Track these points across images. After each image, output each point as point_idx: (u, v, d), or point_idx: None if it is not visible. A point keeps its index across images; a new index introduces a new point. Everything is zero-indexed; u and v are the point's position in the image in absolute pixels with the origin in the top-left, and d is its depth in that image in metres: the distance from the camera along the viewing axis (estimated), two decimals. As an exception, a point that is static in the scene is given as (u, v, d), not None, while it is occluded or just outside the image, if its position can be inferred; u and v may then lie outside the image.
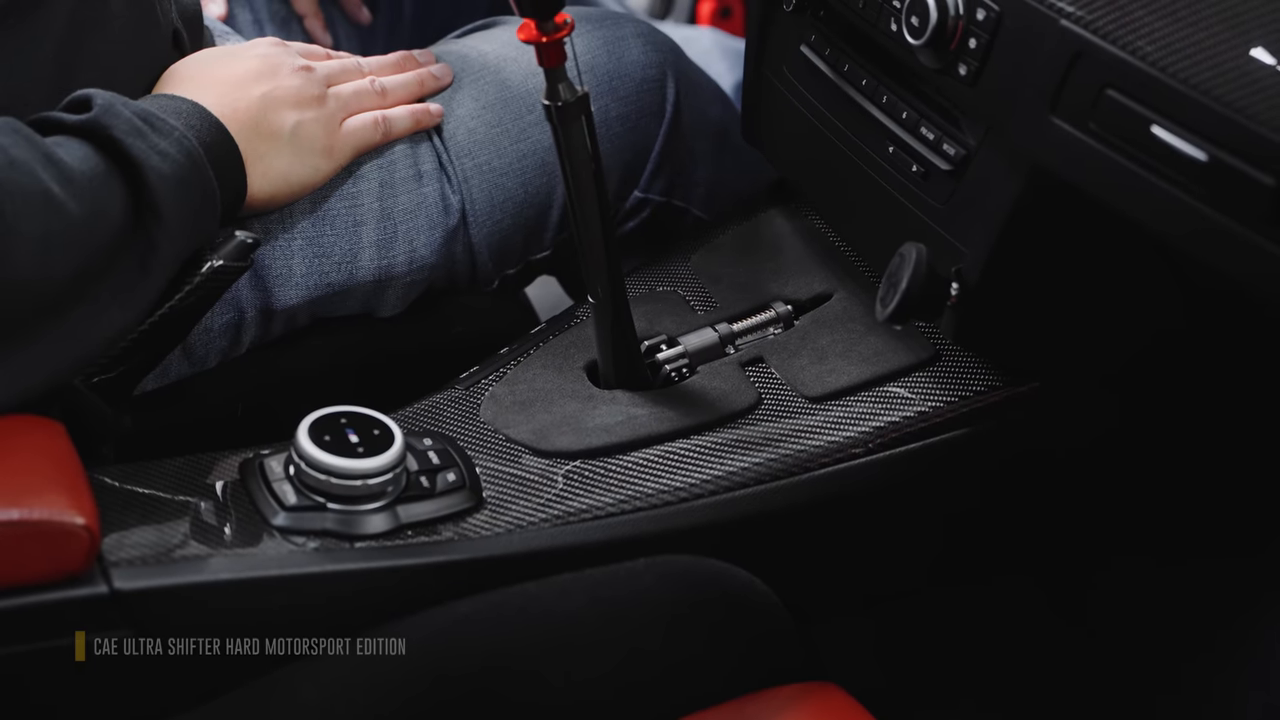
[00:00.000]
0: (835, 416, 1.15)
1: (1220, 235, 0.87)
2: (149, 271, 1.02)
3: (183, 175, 1.03)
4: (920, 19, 1.03)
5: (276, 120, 1.15)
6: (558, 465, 1.11)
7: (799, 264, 1.31)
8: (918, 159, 1.12)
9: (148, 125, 1.03)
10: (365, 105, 1.24)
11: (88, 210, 0.97)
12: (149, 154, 1.01)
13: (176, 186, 1.02)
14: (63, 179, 0.96)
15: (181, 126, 1.06)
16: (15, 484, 0.91)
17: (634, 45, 1.37)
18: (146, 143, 1.01)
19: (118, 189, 1.00)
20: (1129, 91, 0.90)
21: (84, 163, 0.98)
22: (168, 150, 1.03)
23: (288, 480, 1.02)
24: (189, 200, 1.04)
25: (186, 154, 1.04)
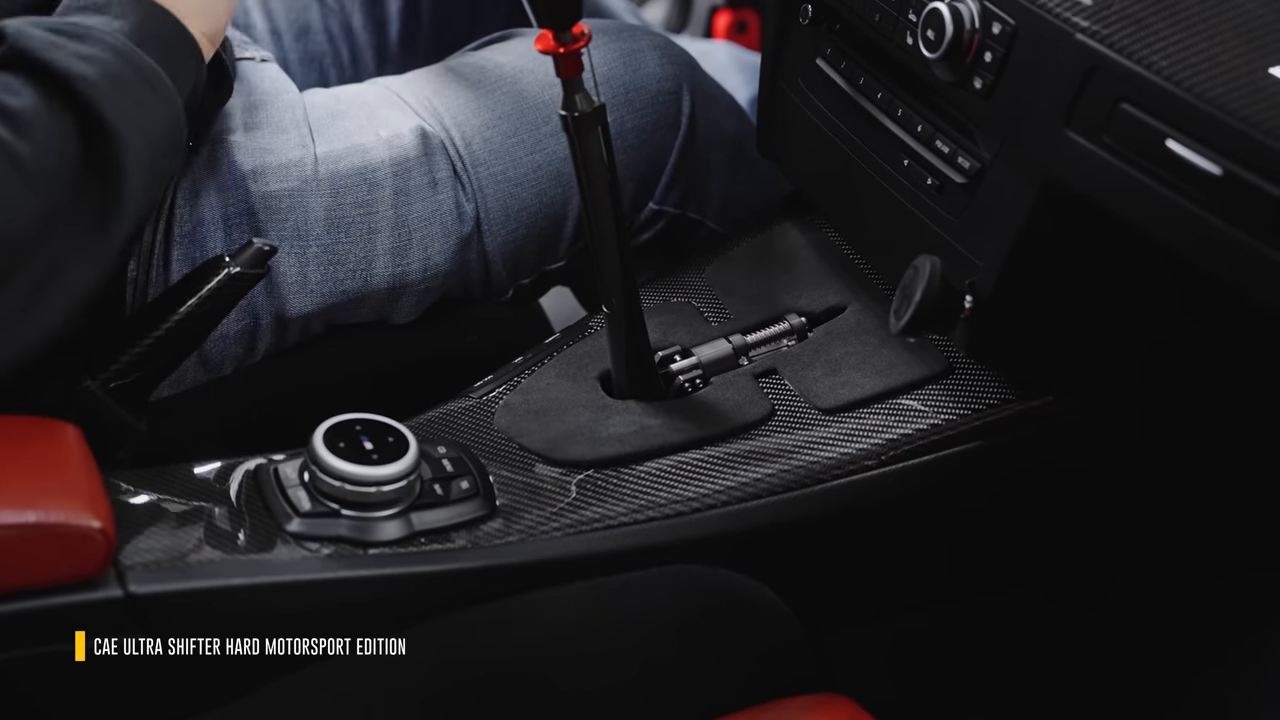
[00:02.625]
0: (848, 428, 1.16)
1: (1233, 248, 0.87)
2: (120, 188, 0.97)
3: (118, 75, 0.98)
4: (936, 32, 1.04)
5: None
6: (571, 474, 1.11)
7: (813, 276, 1.31)
8: (932, 172, 1.13)
9: (63, 36, 0.98)
10: None
11: (39, 148, 0.93)
12: (73, 63, 0.96)
13: (114, 89, 0.97)
14: (7, 121, 0.92)
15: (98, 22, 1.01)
16: (33, 487, 0.92)
17: (650, 58, 1.37)
18: (67, 52, 0.96)
19: (61, 114, 0.95)
20: (1144, 105, 0.90)
21: (21, 99, 0.94)
22: (93, 54, 0.97)
23: (302, 486, 1.03)
24: (134, 96, 0.99)
25: (113, 50, 0.99)
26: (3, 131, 0.91)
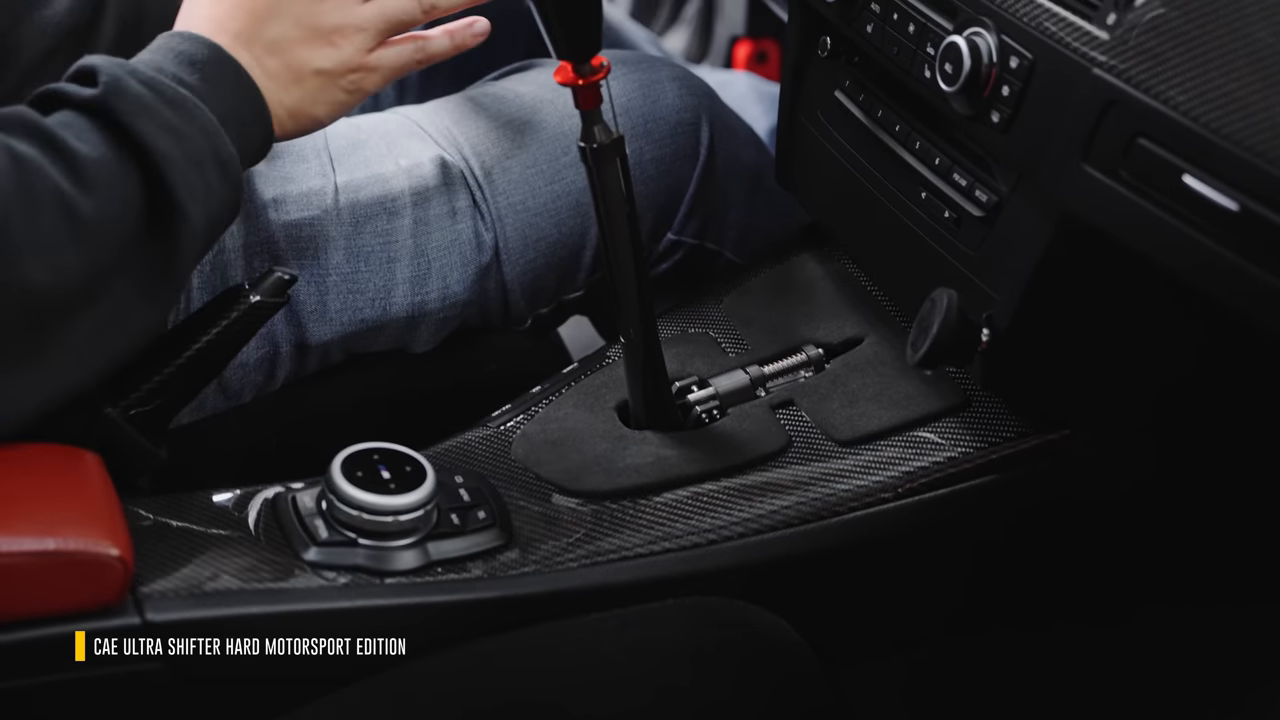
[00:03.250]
0: (865, 460, 1.16)
1: (1250, 283, 0.87)
2: (174, 258, 0.98)
3: (198, 155, 0.98)
4: (954, 66, 1.04)
5: (306, 57, 1.09)
6: (588, 505, 1.12)
7: (830, 307, 1.31)
8: (950, 205, 1.13)
9: (158, 97, 0.97)
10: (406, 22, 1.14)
11: (101, 205, 0.92)
12: (159, 136, 0.95)
13: (191, 168, 0.97)
14: (73, 173, 0.92)
15: (194, 90, 1.00)
16: (52, 514, 0.92)
17: (669, 89, 1.38)
18: (157, 122, 0.96)
19: (131, 176, 0.95)
20: (1161, 141, 0.90)
21: (94, 150, 0.93)
22: (180, 128, 0.97)
23: (320, 515, 1.03)
24: (205, 178, 0.98)
25: (201, 130, 0.99)
26: (66, 183, 0.91)
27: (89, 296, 0.93)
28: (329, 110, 1.11)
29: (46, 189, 0.90)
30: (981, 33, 1.03)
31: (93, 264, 0.92)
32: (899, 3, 1.13)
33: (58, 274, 0.90)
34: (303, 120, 1.10)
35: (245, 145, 1.04)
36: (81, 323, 0.93)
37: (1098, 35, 0.95)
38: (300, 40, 1.07)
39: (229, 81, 1.03)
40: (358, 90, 1.12)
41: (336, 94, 1.10)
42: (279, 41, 1.07)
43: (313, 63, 1.08)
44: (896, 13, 1.13)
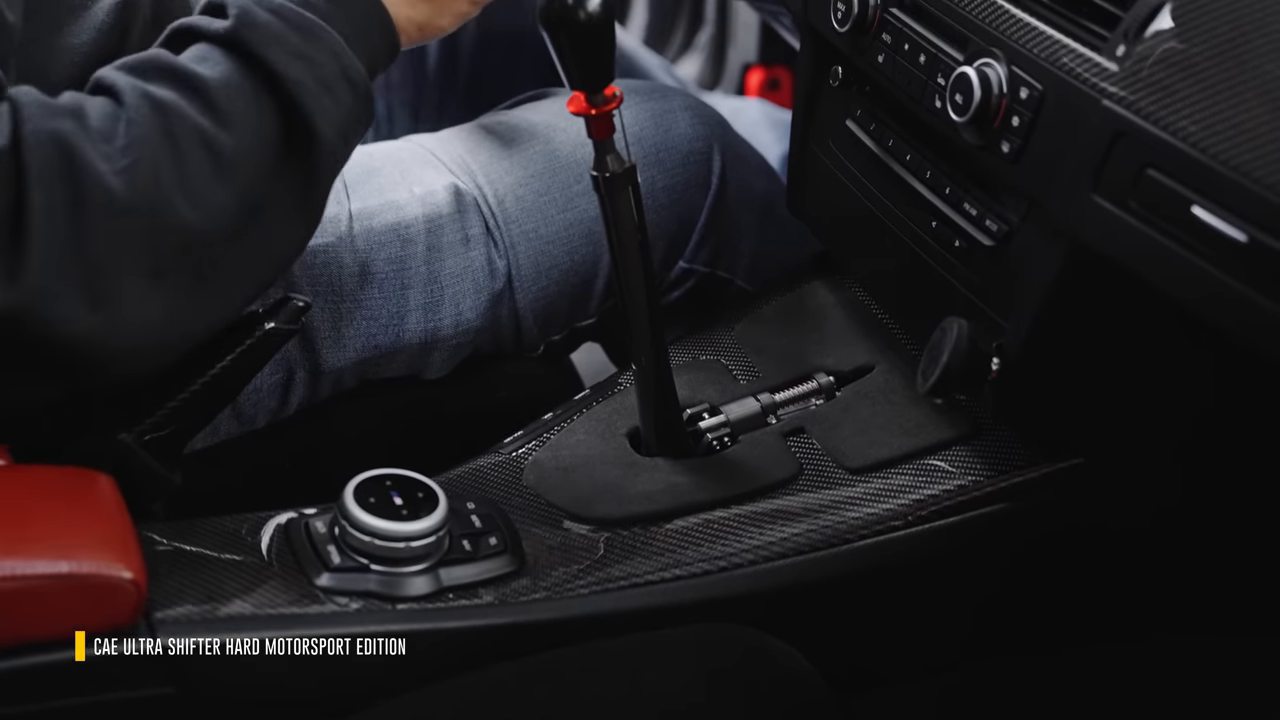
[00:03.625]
0: (875, 488, 1.16)
1: (1260, 315, 0.87)
2: (312, 178, 1.02)
3: (328, 78, 1.01)
4: (964, 96, 1.05)
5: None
6: (599, 532, 1.12)
7: (841, 335, 1.32)
8: (960, 234, 1.13)
9: (286, 24, 1.00)
10: None
11: (241, 137, 0.96)
12: (290, 63, 0.99)
13: (322, 91, 1.00)
14: (211, 109, 0.95)
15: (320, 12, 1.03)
16: (66, 537, 0.93)
17: (681, 118, 1.39)
18: (287, 49, 0.99)
19: (266, 105, 0.98)
20: (1170, 172, 0.91)
21: (229, 83, 0.97)
22: (310, 53, 1.00)
23: (333, 541, 1.03)
24: (336, 98, 1.02)
25: (330, 52, 1.02)
26: (206, 120, 0.95)
27: (242, 226, 0.97)
28: (453, 20, 1.15)
29: (188, 130, 0.94)
30: (992, 63, 1.04)
31: (239, 194, 0.96)
32: (910, 34, 1.13)
33: (209, 209, 0.94)
34: (429, 30, 1.14)
35: (372, 59, 1.07)
36: (239, 250, 0.98)
37: (1107, 67, 0.96)
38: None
39: (356, 2, 1.06)
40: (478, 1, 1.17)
41: (460, 4, 1.15)
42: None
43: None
44: (907, 43, 1.13)
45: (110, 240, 0.90)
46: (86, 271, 0.90)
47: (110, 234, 0.90)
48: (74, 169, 0.89)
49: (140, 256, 0.92)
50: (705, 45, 2.33)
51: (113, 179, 0.90)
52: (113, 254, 0.91)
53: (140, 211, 0.91)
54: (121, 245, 0.91)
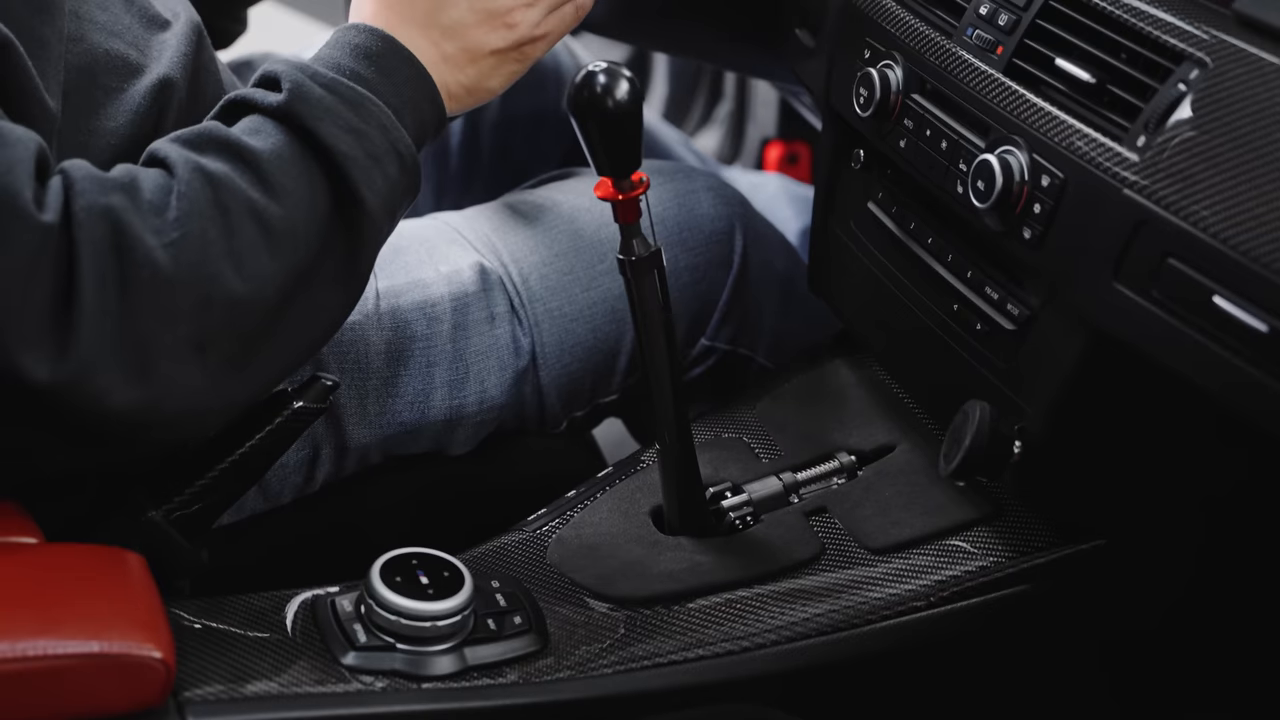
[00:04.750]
0: (897, 568, 1.16)
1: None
2: (360, 250, 1.03)
3: (377, 152, 1.02)
4: (986, 183, 1.06)
5: (482, 39, 1.12)
6: (622, 610, 1.12)
7: (863, 414, 1.33)
8: (982, 318, 1.14)
9: (338, 99, 1.02)
10: None
11: (291, 210, 0.98)
12: (341, 138, 1.00)
13: (372, 165, 1.02)
14: (263, 182, 0.97)
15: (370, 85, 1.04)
16: (97, 617, 0.93)
17: (704, 198, 1.41)
18: (339, 124, 1.01)
19: (317, 178, 1.00)
20: (1191, 261, 0.92)
21: (280, 158, 0.99)
22: (361, 127, 1.02)
23: (358, 620, 1.04)
24: (385, 171, 1.03)
25: (380, 126, 1.03)
26: (256, 193, 0.97)
27: (288, 297, 0.98)
28: (503, 81, 1.15)
29: (239, 202, 0.96)
30: (1013, 151, 1.06)
31: (288, 265, 0.97)
32: (931, 120, 1.15)
33: (257, 281, 0.96)
34: (479, 94, 1.14)
35: (420, 130, 1.08)
36: (285, 321, 0.99)
37: (1128, 156, 0.97)
38: (476, 24, 1.11)
39: (403, 71, 1.07)
40: (527, 59, 1.16)
41: (510, 66, 1.14)
42: (455, 26, 1.10)
43: (489, 44, 1.12)
44: (929, 129, 1.15)
45: (158, 313, 0.92)
46: (135, 345, 0.91)
47: (158, 307, 0.92)
48: (124, 244, 0.91)
49: (188, 328, 0.93)
50: (725, 119, 2.35)
51: (162, 253, 0.92)
52: (161, 326, 0.92)
53: (188, 284, 0.93)
54: (170, 317, 0.93)
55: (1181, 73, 0.96)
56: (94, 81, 1.08)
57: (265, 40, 1.66)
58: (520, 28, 1.13)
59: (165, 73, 1.12)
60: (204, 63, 1.19)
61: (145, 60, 1.13)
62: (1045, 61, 1.06)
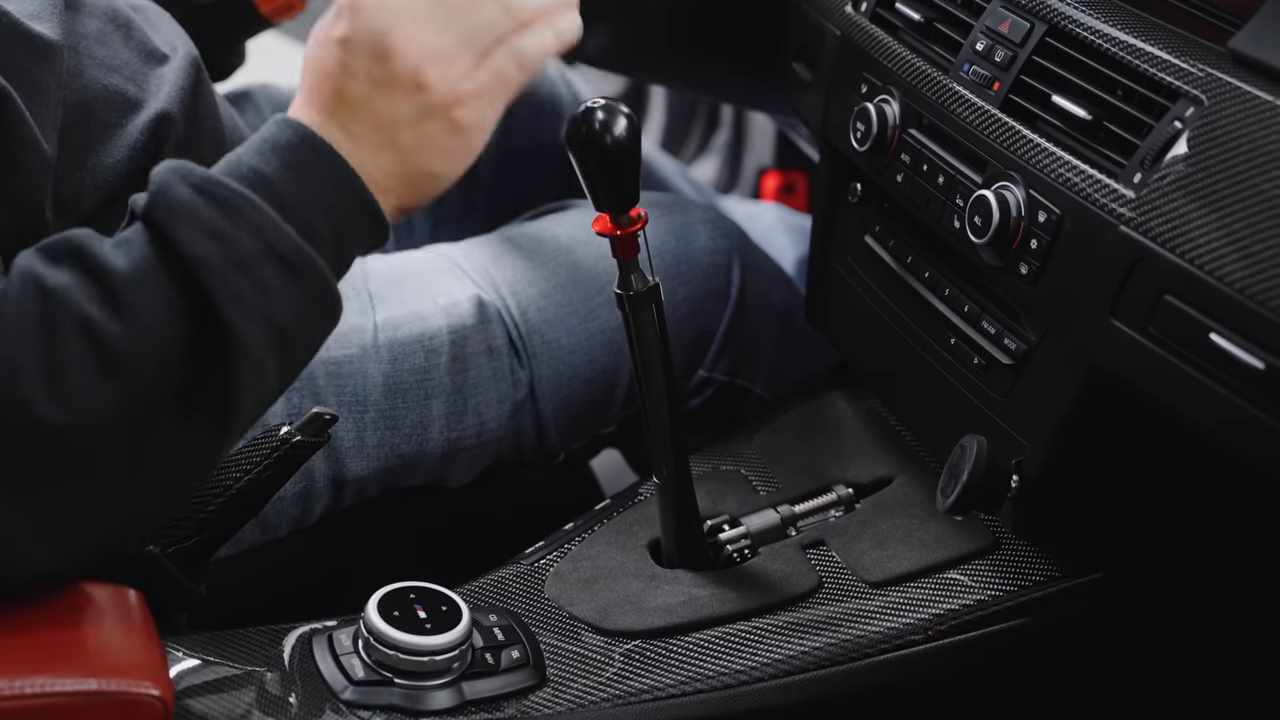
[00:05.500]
0: (895, 602, 1.16)
1: (1277, 441, 0.88)
2: (226, 378, 0.88)
3: (244, 257, 0.87)
4: (983, 219, 1.07)
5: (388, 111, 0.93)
6: (619, 644, 1.12)
7: (860, 447, 1.33)
8: (979, 351, 1.15)
9: (205, 200, 0.88)
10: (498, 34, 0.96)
11: (134, 329, 0.85)
12: (199, 242, 0.86)
13: (236, 273, 0.87)
14: (107, 297, 0.85)
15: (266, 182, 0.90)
16: (95, 654, 0.93)
17: (701, 231, 1.41)
18: (199, 227, 0.87)
19: (171, 292, 0.86)
20: (1187, 299, 0.92)
21: (135, 269, 0.86)
22: (225, 230, 0.87)
23: (356, 654, 1.04)
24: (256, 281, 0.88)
25: (252, 228, 0.88)
26: (95, 308, 0.85)
27: (130, 428, 0.87)
28: (444, 162, 0.96)
29: (71, 319, 0.85)
30: (1010, 186, 1.06)
31: (125, 392, 0.85)
32: (928, 155, 1.16)
33: (79, 407, 0.84)
34: (418, 182, 0.95)
35: (338, 233, 0.92)
36: (129, 457, 0.88)
37: (1124, 193, 0.98)
38: (373, 93, 0.93)
39: (311, 165, 0.92)
40: (465, 130, 0.95)
41: (442, 140, 0.94)
42: (357, 100, 0.93)
43: (398, 114, 0.93)
44: (926, 164, 1.16)
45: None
46: None
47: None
48: None
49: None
50: (721, 148, 2.36)
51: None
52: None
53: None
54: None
55: (1177, 110, 0.97)
56: (92, 117, 1.08)
57: (265, 70, 1.67)
58: (435, 89, 0.93)
59: (163, 107, 1.13)
60: (202, 96, 1.20)
61: (144, 95, 1.13)
62: (1042, 98, 1.07)
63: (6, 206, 0.97)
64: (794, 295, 1.49)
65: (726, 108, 2.33)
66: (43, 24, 1.05)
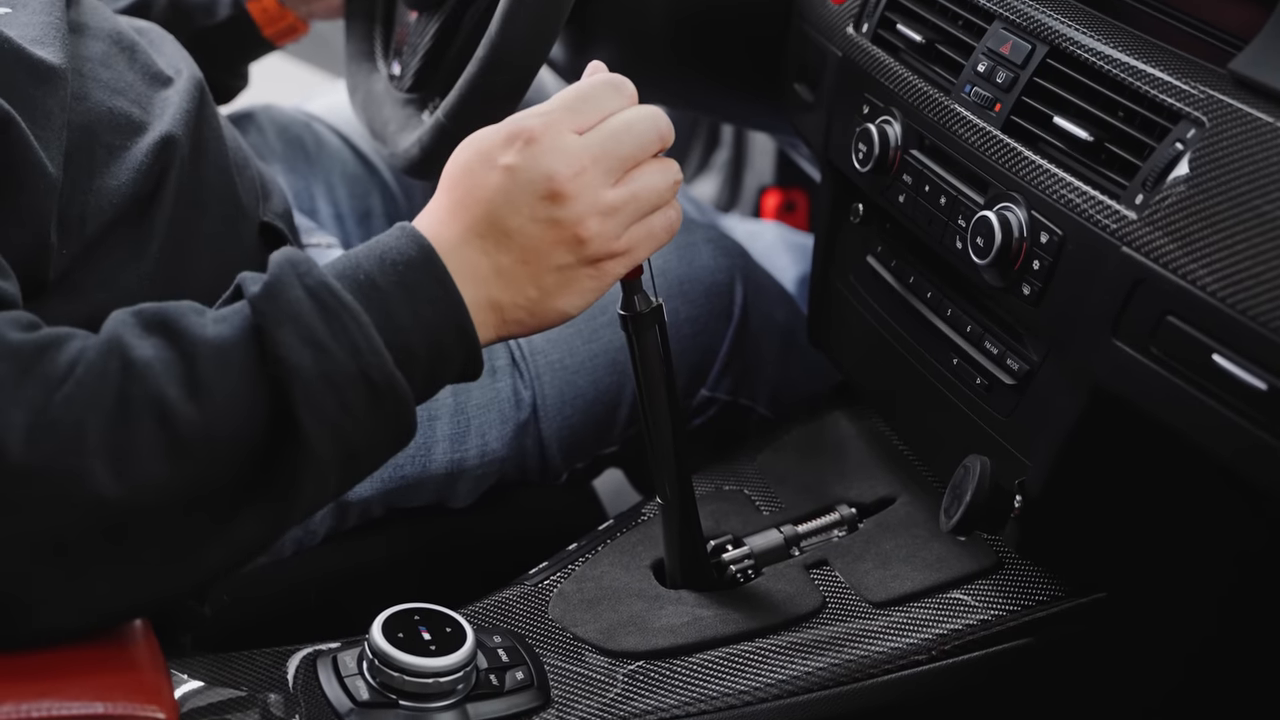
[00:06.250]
0: (899, 622, 1.16)
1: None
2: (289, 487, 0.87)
3: (337, 374, 0.86)
4: (985, 240, 1.07)
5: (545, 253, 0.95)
6: (623, 665, 1.12)
7: (863, 467, 1.33)
8: (981, 372, 1.15)
9: (314, 305, 0.87)
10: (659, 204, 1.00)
11: (210, 420, 0.84)
12: (297, 349, 0.85)
13: (325, 389, 0.86)
14: (190, 380, 0.84)
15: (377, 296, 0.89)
16: (100, 676, 0.93)
17: (704, 251, 1.42)
18: (301, 334, 0.86)
19: (257, 392, 0.85)
20: (1189, 319, 0.92)
21: (224, 356, 0.85)
22: (325, 342, 0.86)
23: (360, 676, 1.04)
24: (342, 401, 0.87)
25: (351, 346, 0.86)
26: (175, 390, 0.84)
27: (181, 513, 0.86)
28: (578, 302, 0.98)
29: (147, 396, 0.83)
30: (1012, 207, 1.06)
31: (187, 478, 0.84)
32: (930, 175, 1.16)
33: (139, 485, 0.83)
34: (545, 316, 0.98)
35: (432, 363, 0.92)
36: (177, 536, 0.87)
37: (1126, 214, 0.98)
38: (539, 234, 0.94)
39: (429, 290, 0.91)
40: (606, 276, 0.98)
41: (584, 283, 0.98)
42: (514, 234, 0.94)
43: (554, 260, 0.95)
44: (928, 185, 1.16)
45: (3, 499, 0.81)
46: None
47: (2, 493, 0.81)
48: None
49: (37, 519, 0.82)
50: (722, 167, 2.37)
51: (17, 435, 0.81)
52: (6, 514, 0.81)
53: (41, 475, 0.81)
54: (15, 506, 0.81)
55: (1179, 131, 0.97)
56: (96, 140, 1.09)
57: (268, 91, 1.67)
58: (592, 243, 0.96)
59: (168, 130, 1.13)
60: (206, 119, 1.20)
61: (148, 118, 1.14)
62: (1043, 119, 1.07)
63: (11, 228, 0.97)
64: (796, 314, 1.49)
65: (727, 126, 2.33)
66: (46, 48, 1.06)
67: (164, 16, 1.44)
